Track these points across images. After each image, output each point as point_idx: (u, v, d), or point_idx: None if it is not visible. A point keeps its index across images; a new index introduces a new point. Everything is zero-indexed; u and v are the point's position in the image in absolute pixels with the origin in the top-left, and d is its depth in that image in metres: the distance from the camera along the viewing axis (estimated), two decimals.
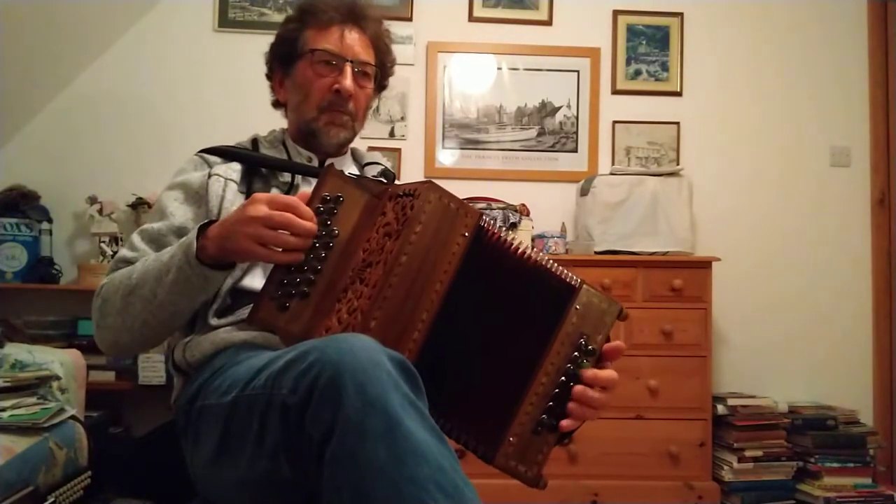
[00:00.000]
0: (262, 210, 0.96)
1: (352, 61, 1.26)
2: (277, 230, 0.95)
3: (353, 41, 1.27)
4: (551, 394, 0.95)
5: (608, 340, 0.99)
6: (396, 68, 3.37)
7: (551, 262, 0.99)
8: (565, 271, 0.99)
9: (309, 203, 1.00)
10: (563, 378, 0.95)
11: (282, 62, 1.33)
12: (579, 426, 0.97)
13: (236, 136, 1.37)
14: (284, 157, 1.29)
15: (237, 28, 3.06)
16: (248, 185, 1.23)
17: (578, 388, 0.95)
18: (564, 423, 0.95)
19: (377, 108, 3.13)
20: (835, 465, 2.70)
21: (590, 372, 0.96)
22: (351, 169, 1.36)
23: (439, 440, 0.75)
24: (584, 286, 0.99)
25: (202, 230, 1.04)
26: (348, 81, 1.25)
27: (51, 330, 2.71)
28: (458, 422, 0.93)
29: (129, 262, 1.15)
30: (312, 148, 1.31)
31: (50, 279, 2.82)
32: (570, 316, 0.97)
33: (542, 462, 0.94)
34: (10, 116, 2.93)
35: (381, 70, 1.34)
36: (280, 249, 0.96)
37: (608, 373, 0.98)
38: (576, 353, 0.96)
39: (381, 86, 1.39)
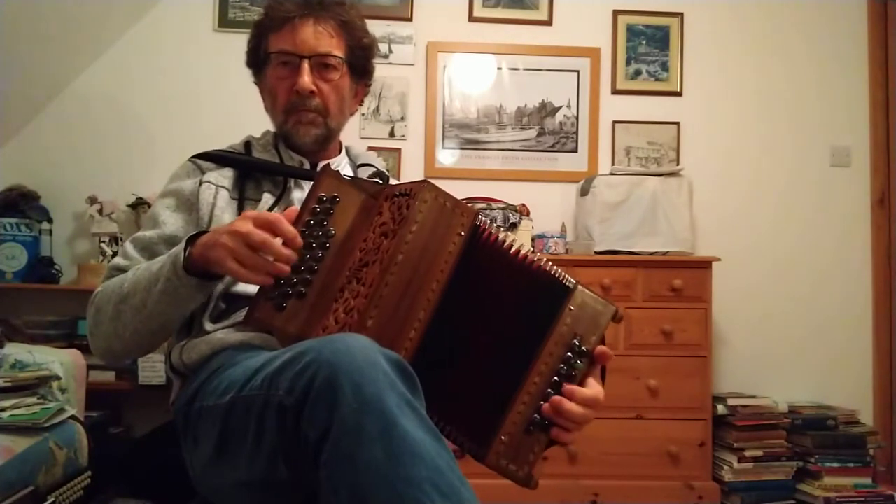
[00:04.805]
0: (245, 226, 0.95)
1: (309, 56, 1.22)
2: (255, 249, 0.93)
3: (309, 35, 1.22)
4: (544, 393, 0.94)
5: (603, 342, 0.98)
6: (397, 68, 3.37)
7: (548, 262, 0.98)
8: (560, 272, 0.98)
9: (305, 203, 1.00)
10: (555, 378, 0.95)
11: (255, 70, 1.32)
12: (570, 437, 0.95)
13: (236, 136, 1.37)
14: (277, 160, 1.28)
15: (237, 28, 3.07)
16: (241, 189, 1.23)
17: (556, 398, 0.93)
18: (554, 431, 0.94)
19: (377, 108, 3.14)
20: (835, 465, 2.70)
21: (568, 387, 0.94)
22: (346, 169, 1.35)
23: (436, 440, 0.75)
24: (580, 287, 0.98)
25: (192, 240, 1.03)
26: (305, 79, 1.21)
27: (51, 330, 2.71)
28: (450, 420, 0.93)
29: (121, 270, 1.16)
30: (297, 152, 1.29)
31: (50, 279, 2.82)
32: (564, 316, 0.96)
33: (534, 462, 0.94)
34: (10, 116, 2.94)
35: (353, 54, 1.28)
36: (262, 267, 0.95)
37: (589, 392, 0.95)
38: (569, 354, 0.96)
39: (363, 70, 1.32)
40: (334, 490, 0.73)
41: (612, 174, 2.90)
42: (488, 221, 0.98)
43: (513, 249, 0.97)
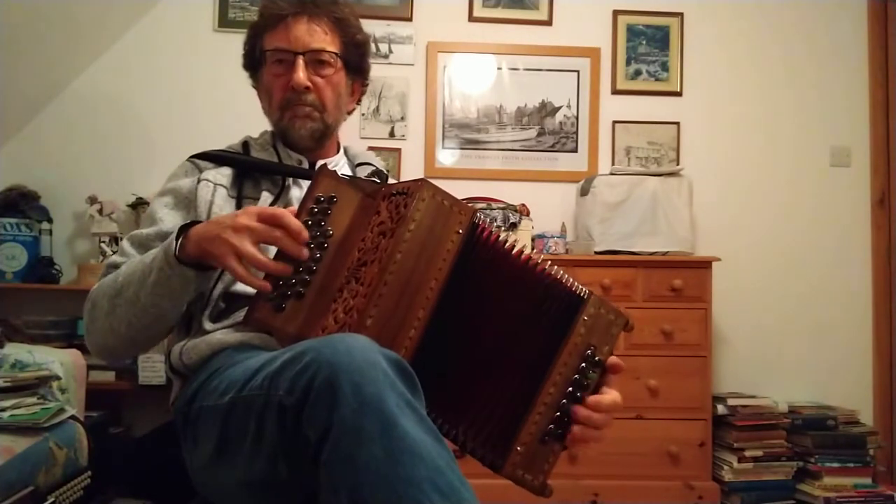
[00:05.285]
0: (249, 222, 0.95)
1: (302, 53, 1.23)
2: (261, 244, 0.94)
3: (303, 32, 1.23)
4: (559, 404, 0.95)
5: (612, 353, 0.99)
6: (397, 68, 3.37)
7: (556, 267, 0.99)
8: (573, 280, 0.99)
9: (303, 203, 1.00)
10: (570, 389, 0.96)
11: (252, 71, 1.33)
12: (587, 445, 0.98)
13: (236, 137, 1.37)
14: (275, 159, 1.28)
15: (237, 28, 3.06)
16: (239, 188, 1.23)
17: (583, 412, 0.95)
18: (573, 437, 0.96)
19: (377, 108, 3.13)
20: (835, 465, 2.70)
21: (592, 398, 0.96)
22: (344, 168, 1.35)
23: (436, 440, 0.75)
24: (593, 297, 0.99)
25: (184, 230, 1.03)
26: (299, 74, 1.22)
27: (51, 330, 2.71)
28: (466, 430, 0.94)
29: (118, 267, 1.15)
30: (294, 150, 1.29)
31: (50, 279, 2.82)
32: (579, 327, 0.97)
33: (549, 471, 0.95)
34: (10, 116, 2.94)
35: (347, 50, 1.28)
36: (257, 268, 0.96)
37: (611, 398, 0.98)
38: (583, 364, 0.96)
39: (358, 68, 1.33)
40: (334, 490, 0.73)
41: (612, 174, 2.90)
42: (487, 220, 0.98)
43: (514, 250, 0.98)
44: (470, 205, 0.96)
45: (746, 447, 2.73)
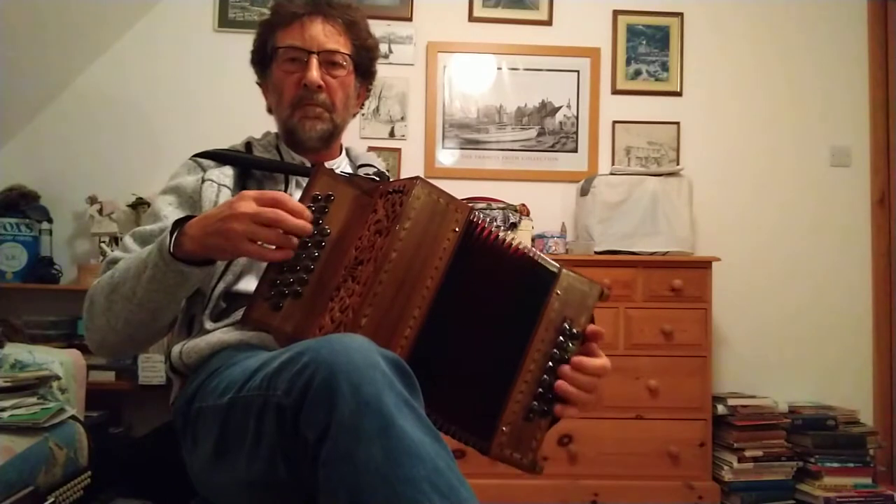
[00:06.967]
0: (251, 206, 0.95)
1: (317, 52, 1.24)
2: (267, 227, 0.94)
3: (318, 32, 1.25)
4: (540, 380, 0.96)
5: (592, 322, 1.00)
6: (397, 68, 3.37)
7: (530, 248, 1.00)
8: (544, 257, 1.00)
9: (300, 201, 1.00)
10: (550, 363, 0.96)
11: (261, 68, 1.34)
12: (573, 411, 0.97)
13: (236, 137, 1.37)
14: (278, 160, 1.28)
15: (237, 28, 3.07)
16: (242, 188, 1.22)
17: (566, 368, 0.96)
18: (558, 407, 0.96)
19: (377, 108, 3.14)
20: (835, 465, 2.70)
21: (576, 359, 0.97)
22: (346, 170, 1.35)
23: (435, 439, 0.75)
24: (564, 271, 1.00)
25: (178, 225, 1.03)
26: (313, 73, 1.23)
27: (51, 330, 2.71)
28: (449, 416, 0.94)
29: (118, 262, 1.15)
30: (299, 149, 1.30)
31: (50, 279, 2.82)
32: (553, 301, 0.98)
33: (537, 448, 0.95)
34: (10, 116, 2.94)
35: (358, 54, 1.30)
36: (271, 247, 0.95)
37: (600, 362, 0.99)
38: (561, 338, 0.97)
39: (367, 71, 1.35)
40: (333, 491, 0.72)
41: (612, 174, 2.90)
42: (487, 219, 0.98)
43: (513, 247, 0.98)
44: (469, 204, 0.97)
45: (746, 447, 2.73)
